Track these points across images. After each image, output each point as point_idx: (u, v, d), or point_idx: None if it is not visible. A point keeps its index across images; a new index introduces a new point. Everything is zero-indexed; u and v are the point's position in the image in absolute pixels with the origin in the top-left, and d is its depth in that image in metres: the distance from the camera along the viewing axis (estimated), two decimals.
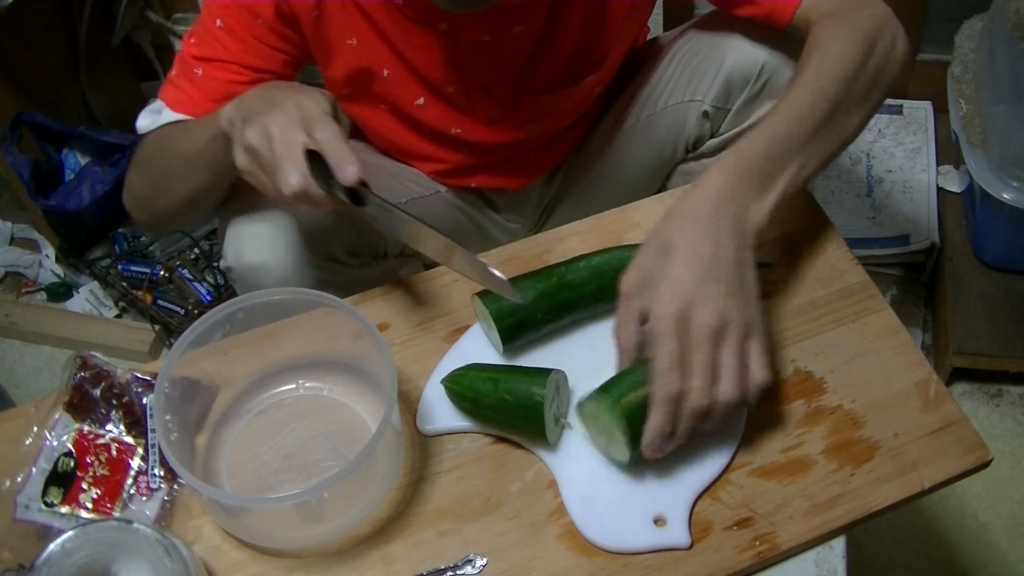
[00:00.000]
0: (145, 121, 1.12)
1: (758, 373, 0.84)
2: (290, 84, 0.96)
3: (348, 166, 0.86)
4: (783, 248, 1.05)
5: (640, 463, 0.87)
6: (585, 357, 0.96)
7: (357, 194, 0.88)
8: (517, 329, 0.94)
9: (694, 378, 0.82)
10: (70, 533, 0.77)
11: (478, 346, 0.98)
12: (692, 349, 0.82)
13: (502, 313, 0.93)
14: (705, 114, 1.21)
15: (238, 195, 1.11)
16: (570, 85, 1.17)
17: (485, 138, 1.21)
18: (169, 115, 1.10)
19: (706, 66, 1.19)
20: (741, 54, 1.14)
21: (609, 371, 0.88)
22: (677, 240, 0.86)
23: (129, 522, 0.78)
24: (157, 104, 1.12)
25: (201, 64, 1.08)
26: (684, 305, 0.83)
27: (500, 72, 1.13)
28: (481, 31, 1.08)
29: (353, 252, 1.17)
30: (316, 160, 0.87)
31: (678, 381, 0.82)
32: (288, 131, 0.87)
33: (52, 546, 0.77)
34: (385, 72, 1.12)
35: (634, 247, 0.92)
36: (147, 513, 0.88)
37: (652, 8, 1.22)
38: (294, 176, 0.86)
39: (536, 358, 0.97)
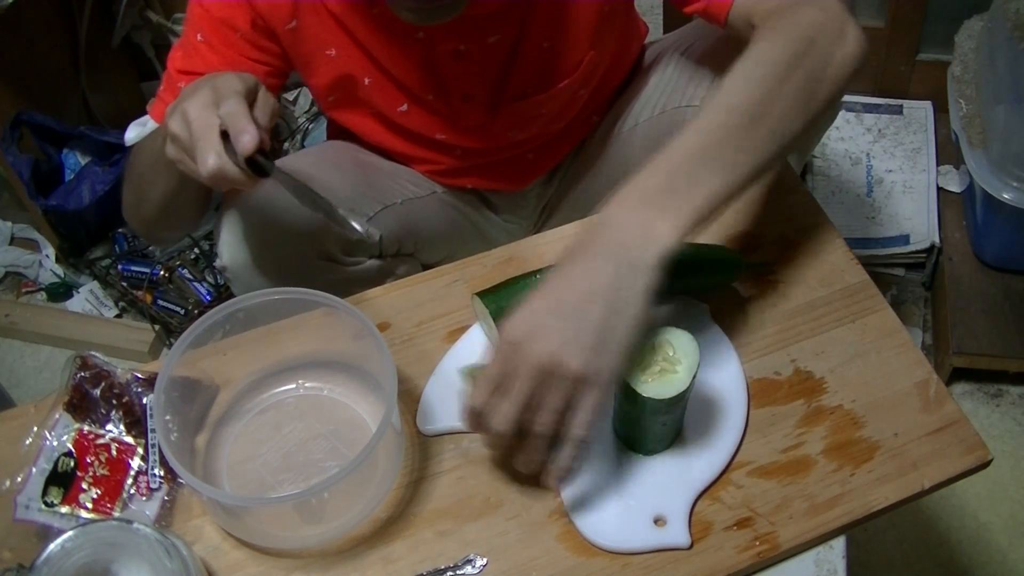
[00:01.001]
0: (132, 133, 1.14)
1: (576, 427, 0.79)
2: (219, 74, 0.93)
3: (242, 135, 0.84)
4: (782, 248, 1.05)
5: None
6: None
7: (259, 165, 0.87)
8: None
9: (502, 402, 0.79)
10: (70, 533, 0.77)
11: (478, 346, 0.98)
12: (515, 377, 0.78)
13: (502, 313, 0.93)
14: None
15: (233, 195, 1.12)
16: (543, 91, 1.17)
17: (471, 143, 1.21)
18: (153, 127, 1.11)
19: (702, 71, 1.19)
20: (736, 58, 1.14)
21: None
22: (552, 274, 0.81)
23: (129, 522, 0.78)
24: (145, 118, 1.13)
25: (184, 78, 1.08)
26: (523, 333, 0.78)
27: (478, 80, 1.14)
28: (457, 40, 1.08)
29: (348, 251, 1.17)
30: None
31: (481, 398, 0.80)
32: (203, 114, 0.86)
33: (52, 546, 0.76)
34: (367, 80, 1.13)
35: None
36: (147, 513, 0.88)
37: (630, 10, 1.21)
38: (211, 157, 0.85)
39: None
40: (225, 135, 0.86)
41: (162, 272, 1.87)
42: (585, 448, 0.84)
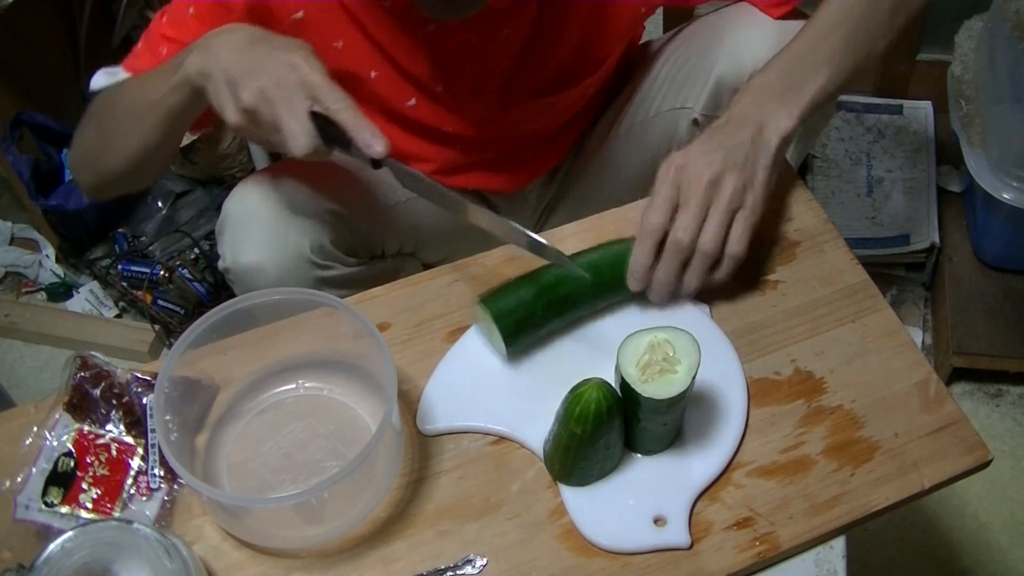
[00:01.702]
0: (101, 80, 1.10)
1: (736, 244, 0.94)
2: (263, 35, 0.95)
3: (375, 142, 0.89)
4: (783, 248, 1.05)
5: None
6: (587, 356, 0.96)
7: (377, 162, 0.92)
8: (518, 328, 0.94)
9: (681, 216, 0.92)
10: (70, 533, 0.77)
11: (478, 346, 0.98)
12: (686, 197, 0.92)
13: (502, 313, 0.93)
14: (695, 122, 1.21)
15: (234, 196, 1.11)
16: (569, 87, 1.17)
17: (477, 135, 1.21)
18: (123, 74, 1.08)
19: (696, 73, 1.19)
20: (730, 61, 1.15)
21: (611, 368, 0.88)
22: (696, 140, 0.97)
23: (129, 522, 0.78)
24: (115, 68, 1.10)
25: (167, 44, 1.06)
26: (686, 161, 0.93)
27: (488, 74, 1.13)
28: (469, 33, 1.08)
29: (350, 252, 1.17)
30: (319, 120, 0.90)
31: (663, 216, 0.92)
32: (289, 95, 0.88)
33: (52, 546, 0.76)
34: (373, 74, 1.12)
35: (630, 240, 0.95)
36: (147, 513, 0.88)
37: (653, 10, 1.22)
38: (303, 139, 0.88)
39: (539, 360, 0.97)
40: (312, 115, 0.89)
41: (162, 272, 1.87)
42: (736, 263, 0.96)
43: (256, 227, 1.10)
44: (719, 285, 0.97)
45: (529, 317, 0.94)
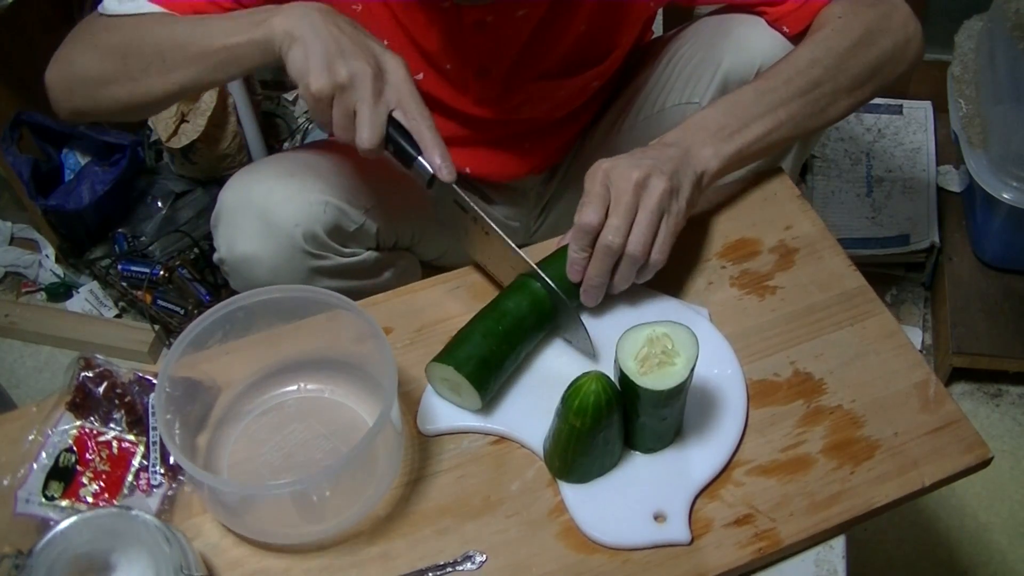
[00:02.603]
0: (115, 4, 1.07)
1: (658, 252, 0.95)
2: (362, 29, 0.97)
3: (448, 168, 0.93)
4: (780, 254, 1.05)
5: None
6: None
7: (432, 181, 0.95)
8: (483, 370, 0.91)
9: (611, 218, 0.93)
10: (70, 520, 0.77)
11: None
12: (616, 197, 0.94)
13: (460, 361, 0.90)
14: None
15: (228, 188, 1.12)
16: (572, 75, 1.18)
17: (478, 115, 1.22)
18: (147, 6, 1.05)
19: (703, 68, 1.19)
20: (737, 57, 1.15)
21: (610, 368, 0.88)
22: (618, 158, 0.97)
23: (128, 509, 0.79)
24: None
25: None
26: (614, 164, 0.95)
27: (498, 54, 1.14)
28: (484, 11, 1.09)
29: (345, 242, 1.17)
30: (392, 122, 0.93)
31: (595, 216, 0.93)
32: (381, 90, 0.92)
33: (52, 533, 0.77)
34: (385, 43, 1.12)
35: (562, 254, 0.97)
36: (148, 509, 0.88)
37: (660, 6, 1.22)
38: (373, 134, 0.91)
39: (539, 360, 0.97)
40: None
41: (162, 272, 1.87)
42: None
43: (249, 217, 1.10)
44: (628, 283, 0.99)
45: (488, 356, 0.91)
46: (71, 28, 1.14)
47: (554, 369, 0.96)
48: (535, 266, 0.97)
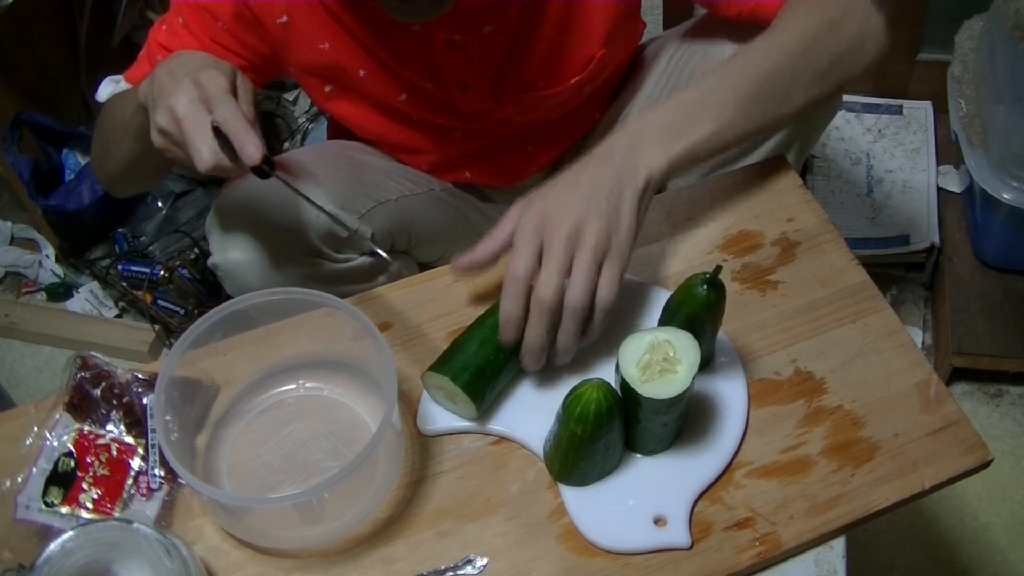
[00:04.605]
0: (105, 90, 1.15)
1: (605, 292, 0.89)
2: (193, 56, 0.96)
3: (248, 147, 0.87)
4: (783, 248, 1.05)
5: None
6: (587, 357, 0.96)
7: (261, 171, 0.90)
8: (478, 380, 0.90)
9: (543, 272, 0.88)
10: (70, 533, 0.77)
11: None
12: (547, 247, 0.88)
13: (456, 371, 0.90)
14: None
15: (224, 194, 1.12)
16: (552, 85, 1.17)
17: (471, 127, 1.22)
18: (127, 87, 1.12)
19: (701, 69, 1.19)
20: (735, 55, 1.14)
21: (611, 369, 0.88)
22: (560, 176, 0.93)
23: (129, 522, 0.78)
24: (118, 77, 1.15)
25: (162, 53, 1.09)
26: (546, 213, 0.90)
27: (474, 70, 1.14)
28: (451, 31, 1.08)
29: (337, 248, 1.17)
30: (223, 134, 0.89)
31: (527, 263, 0.88)
32: (192, 111, 0.88)
33: (52, 546, 0.77)
34: (362, 72, 1.13)
35: None
36: (147, 513, 0.88)
37: (638, 10, 1.22)
38: (206, 154, 0.88)
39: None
40: (216, 130, 0.88)
41: (162, 272, 1.87)
42: (605, 321, 0.92)
43: (243, 223, 1.10)
44: (591, 343, 0.93)
45: (483, 365, 0.91)
46: (71, 28, 1.18)
47: (554, 369, 0.96)
48: (310, 198, 0.96)
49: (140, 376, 0.94)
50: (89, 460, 0.89)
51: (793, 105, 1.00)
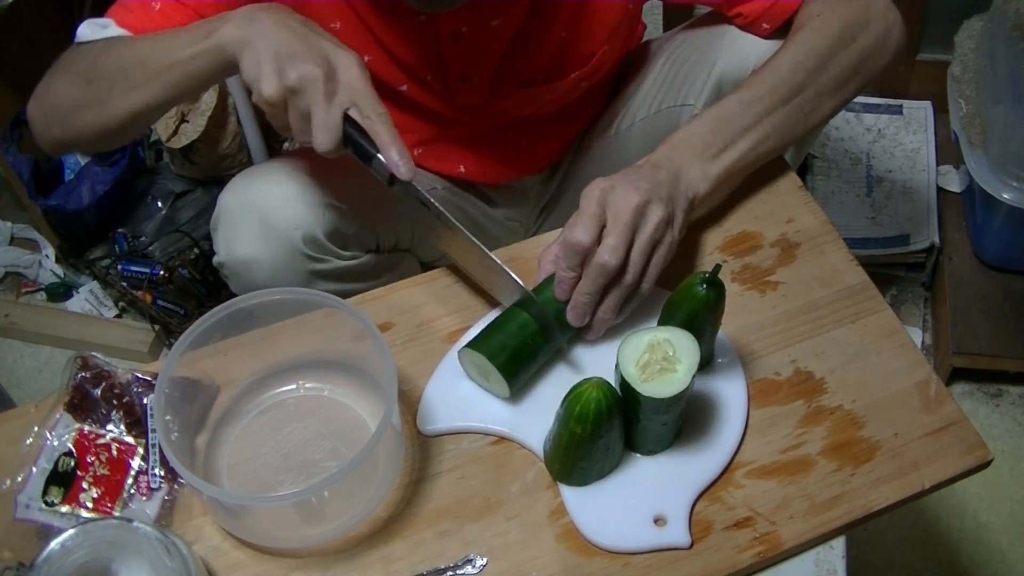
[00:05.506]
0: (88, 31, 1.07)
1: (647, 282, 0.94)
2: (314, 26, 0.95)
3: (405, 165, 0.91)
4: (783, 249, 1.05)
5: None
6: (587, 357, 0.97)
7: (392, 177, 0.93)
8: (514, 362, 0.91)
9: (609, 238, 0.91)
10: (70, 532, 0.77)
11: None
12: (614, 218, 0.92)
13: (494, 350, 0.91)
14: None
15: (228, 191, 1.12)
16: (554, 80, 1.18)
17: (468, 120, 1.22)
18: (116, 30, 1.06)
19: (697, 70, 1.19)
20: (731, 57, 1.15)
21: (611, 368, 0.88)
22: (618, 173, 0.96)
23: (129, 521, 0.79)
24: (104, 20, 1.08)
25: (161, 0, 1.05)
26: (612, 184, 0.93)
27: (478, 63, 1.14)
28: (458, 22, 1.09)
29: (344, 245, 1.17)
30: (348, 121, 0.91)
31: (588, 235, 0.91)
32: (334, 90, 0.90)
33: (52, 545, 0.77)
34: (367, 58, 1.13)
35: None
36: (147, 513, 0.88)
37: (641, 7, 1.22)
38: (329, 136, 0.90)
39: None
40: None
41: (162, 272, 1.87)
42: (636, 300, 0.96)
43: (249, 220, 1.10)
44: (625, 312, 0.96)
45: (521, 347, 0.92)
46: (71, 28, 1.14)
47: (554, 369, 0.96)
48: (498, 260, 0.95)
49: (140, 376, 0.94)
50: (89, 460, 0.89)
51: (823, 113, 1.06)
